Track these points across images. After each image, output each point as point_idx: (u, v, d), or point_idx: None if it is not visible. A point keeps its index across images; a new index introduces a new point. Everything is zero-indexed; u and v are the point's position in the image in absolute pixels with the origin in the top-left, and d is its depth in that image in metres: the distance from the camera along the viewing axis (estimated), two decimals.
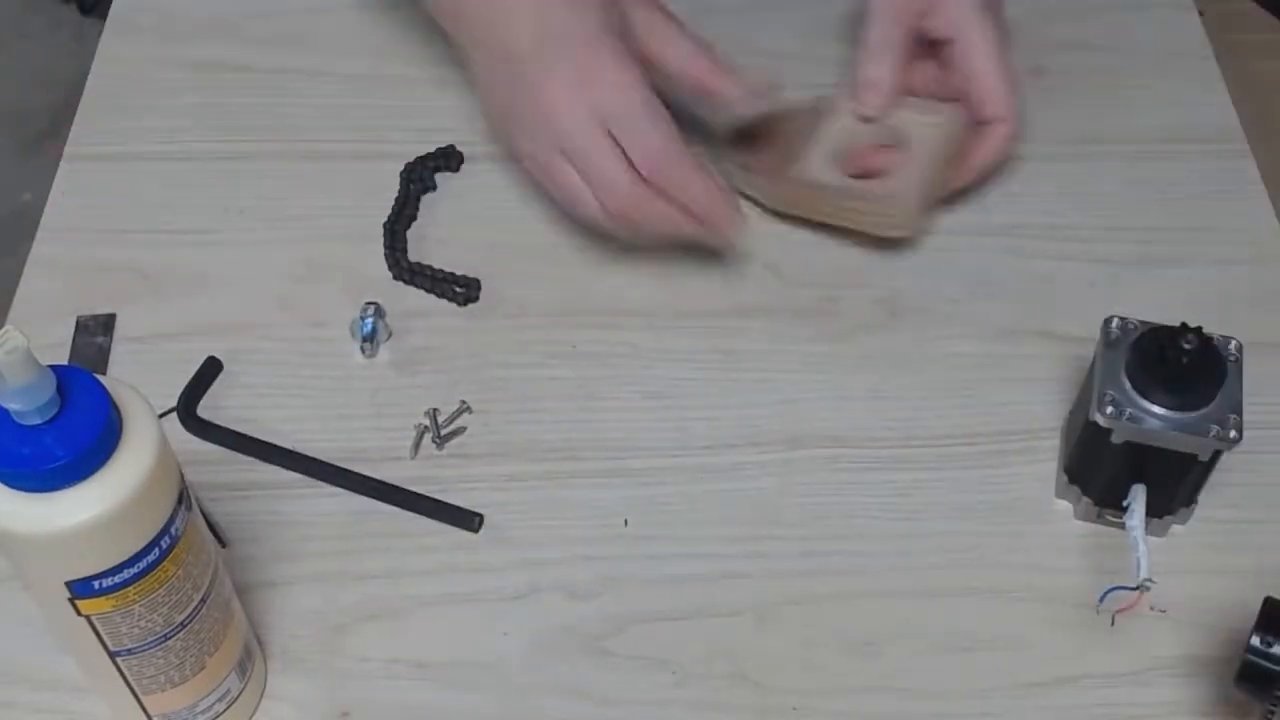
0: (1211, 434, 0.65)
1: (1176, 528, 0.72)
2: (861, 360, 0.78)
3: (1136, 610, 0.67)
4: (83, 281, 0.81)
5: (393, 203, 0.84)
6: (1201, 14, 0.96)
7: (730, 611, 0.69)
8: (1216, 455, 0.66)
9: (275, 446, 0.74)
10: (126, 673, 0.58)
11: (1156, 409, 0.66)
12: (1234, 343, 0.68)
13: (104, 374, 0.75)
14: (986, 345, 0.79)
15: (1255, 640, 0.60)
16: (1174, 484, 0.69)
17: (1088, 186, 0.87)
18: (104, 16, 0.95)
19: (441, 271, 0.81)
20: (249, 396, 0.76)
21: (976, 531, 0.72)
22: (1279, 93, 1.19)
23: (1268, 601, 0.61)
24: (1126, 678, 0.67)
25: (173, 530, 0.54)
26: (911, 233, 0.82)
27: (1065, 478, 0.73)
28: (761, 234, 0.82)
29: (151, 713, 0.61)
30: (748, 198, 0.83)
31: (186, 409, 0.75)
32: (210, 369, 0.77)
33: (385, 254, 0.82)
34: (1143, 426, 0.65)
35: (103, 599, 0.54)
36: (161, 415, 0.72)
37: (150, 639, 0.57)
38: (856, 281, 0.82)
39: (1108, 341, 0.68)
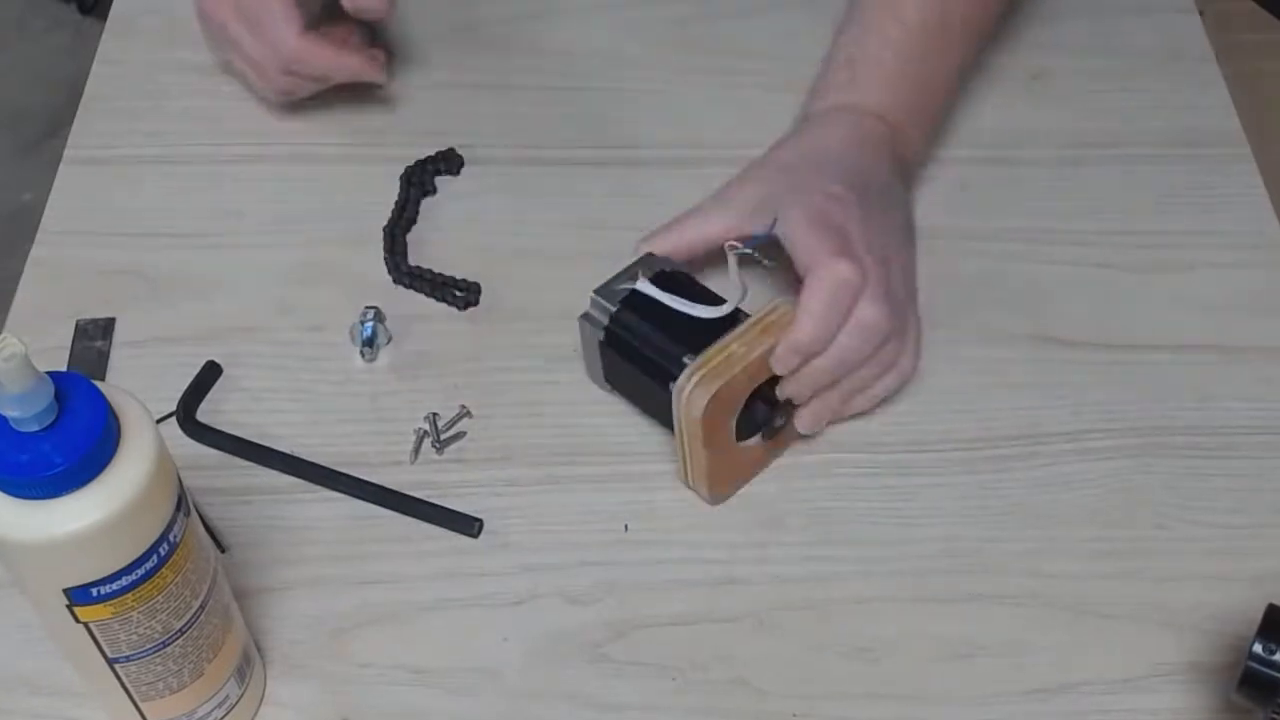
0: None
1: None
2: None
3: None
4: (82, 285, 0.81)
5: (392, 206, 0.84)
6: (1201, 14, 0.96)
7: (730, 617, 0.69)
8: None
9: (275, 451, 0.74)
10: (125, 679, 0.58)
11: None
12: None
13: (103, 378, 0.75)
14: (987, 349, 0.79)
15: (1257, 647, 0.59)
16: None
17: (1087, 189, 0.87)
18: (104, 17, 0.95)
19: (441, 275, 0.81)
20: (248, 401, 0.76)
21: (977, 537, 0.72)
22: (1279, 93, 1.18)
23: (1270, 608, 0.61)
24: (1127, 684, 0.67)
25: (171, 537, 0.54)
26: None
27: None
28: None
29: (150, 719, 0.61)
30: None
31: (186, 413, 0.75)
32: (210, 373, 0.76)
33: (385, 258, 0.82)
34: None
35: (101, 606, 0.54)
36: (161, 420, 0.72)
37: (149, 646, 0.57)
38: None
39: None
